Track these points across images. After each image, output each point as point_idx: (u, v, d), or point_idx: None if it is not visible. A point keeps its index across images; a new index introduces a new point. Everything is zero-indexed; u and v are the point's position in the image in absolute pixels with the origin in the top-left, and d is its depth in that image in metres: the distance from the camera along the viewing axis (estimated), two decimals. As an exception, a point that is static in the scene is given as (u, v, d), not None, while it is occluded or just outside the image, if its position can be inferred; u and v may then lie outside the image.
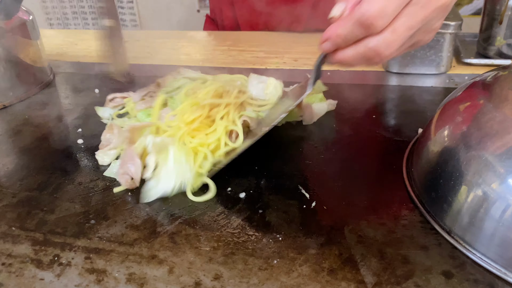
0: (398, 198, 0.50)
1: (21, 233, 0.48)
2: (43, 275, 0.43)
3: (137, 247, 0.45)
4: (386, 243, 0.44)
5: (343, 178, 0.54)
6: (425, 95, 0.75)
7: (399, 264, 0.41)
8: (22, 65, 0.82)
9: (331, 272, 0.41)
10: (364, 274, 0.41)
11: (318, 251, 0.43)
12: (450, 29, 0.77)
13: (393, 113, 0.68)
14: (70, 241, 0.47)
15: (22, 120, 0.74)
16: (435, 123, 0.54)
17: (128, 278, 0.42)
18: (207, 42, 1.13)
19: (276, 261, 0.42)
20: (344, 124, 0.65)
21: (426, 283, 0.39)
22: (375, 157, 0.57)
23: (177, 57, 1.02)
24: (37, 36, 0.87)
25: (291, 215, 0.48)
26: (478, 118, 0.48)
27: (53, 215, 0.51)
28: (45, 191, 0.55)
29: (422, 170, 0.51)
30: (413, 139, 0.60)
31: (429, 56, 0.81)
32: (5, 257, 0.45)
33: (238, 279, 0.41)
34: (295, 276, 0.41)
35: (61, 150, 0.64)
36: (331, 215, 0.48)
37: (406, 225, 0.46)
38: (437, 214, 0.47)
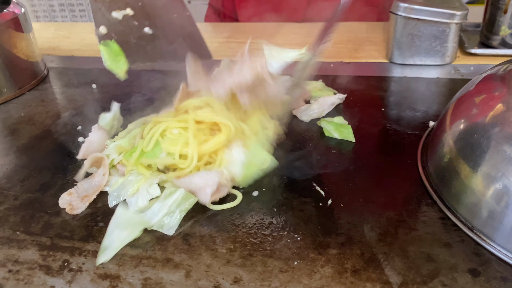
0: (416, 193, 0.49)
1: (27, 237, 0.46)
2: (54, 282, 0.41)
3: (150, 250, 0.44)
4: (408, 241, 0.43)
5: (357, 174, 0.53)
6: (432, 87, 0.74)
7: (423, 263, 0.40)
8: (15, 60, 0.79)
9: (354, 273, 0.40)
10: (388, 274, 0.39)
11: (339, 251, 0.42)
12: (456, 19, 0.76)
13: (402, 106, 0.67)
14: (79, 245, 0.45)
15: (18, 118, 0.71)
16: (450, 117, 0.52)
17: (144, 284, 0.40)
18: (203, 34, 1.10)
19: (296, 263, 0.41)
20: (354, 118, 0.64)
21: (453, 282, 0.38)
22: (389, 151, 0.56)
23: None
24: (30, 30, 0.84)
25: (308, 213, 0.47)
26: (496, 111, 0.47)
27: (59, 217, 0.49)
28: (48, 193, 0.53)
29: (439, 164, 0.50)
30: (425, 132, 0.59)
31: (434, 46, 0.80)
32: (12, 264, 0.43)
33: (259, 282, 0.39)
34: (317, 278, 0.39)
35: (62, 149, 0.61)
36: (349, 213, 0.47)
37: (427, 221, 0.45)
38: (458, 209, 0.45)
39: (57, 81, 0.85)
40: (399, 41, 0.81)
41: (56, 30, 1.18)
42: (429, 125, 0.61)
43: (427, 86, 0.74)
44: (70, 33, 1.15)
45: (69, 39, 1.10)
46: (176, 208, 0.47)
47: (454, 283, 0.38)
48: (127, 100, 0.74)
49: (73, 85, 0.82)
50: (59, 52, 1.01)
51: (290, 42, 0.98)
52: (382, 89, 0.74)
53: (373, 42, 0.94)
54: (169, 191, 0.48)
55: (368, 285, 0.38)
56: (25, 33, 0.81)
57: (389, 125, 0.62)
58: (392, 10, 0.80)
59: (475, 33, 0.94)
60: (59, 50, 1.03)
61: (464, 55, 0.85)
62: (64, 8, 2.52)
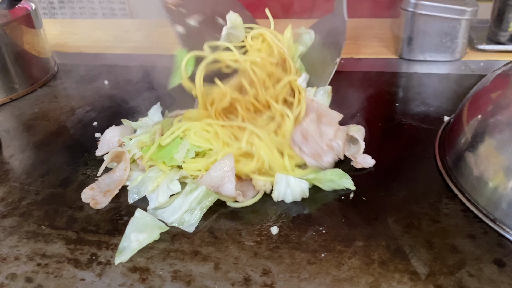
0: (436, 186, 0.50)
1: (52, 231, 0.46)
2: (83, 275, 0.41)
3: (177, 243, 0.44)
4: (432, 233, 0.43)
5: (376, 167, 0.53)
6: (444, 82, 0.74)
7: (448, 254, 0.41)
8: (27, 56, 0.79)
9: (382, 264, 0.40)
10: (415, 265, 0.40)
11: (365, 243, 0.43)
12: (466, 15, 0.77)
13: (416, 101, 0.68)
14: (105, 239, 0.45)
15: (32, 114, 0.71)
16: (467, 111, 0.53)
17: (174, 276, 0.40)
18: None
19: (323, 255, 0.42)
20: (370, 112, 0.65)
21: (479, 272, 0.39)
22: (406, 145, 0.57)
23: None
24: (40, 26, 0.84)
25: (331, 207, 0.47)
26: (516, 105, 0.48)
27: (83, 212, 0.49)
28: (70, 188, 0.53)
29: (458, 158, 0.51)
30: (441, 127, 0.60)
31: (444, 42, 0.80)
32: (40, 257, 0.43)
33: (288, 274, 0.40)
34: (346, 269, 0.40)
35: (79, 145, 0.62)
36: (372, 206, 0.47)
37: (449, 214, 0.46)
38: (479, 201, 0.46)
39: (68, 77, 0.85)
40: (409, 37, 0.82)
41: (62, 27, 1.18)
42: (444, 120, 0.62)
43: (438, 82, 0.74)
44: (76, 29, 1.15)
45: (76, 36, 1.10)
46: (197, 205, 0.47)
47: (480, 273, 0.39)
48: (141, 96, 0.74)
49: (85, 81, 0.82)
50: (67, 48, 1.01)
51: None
52: (394, 84, 0.74)
53: (381, 39, 0.95)
54: (190, 188, 0.48)
55: (396, 276, 0.39)
56: (36, 29, 0.81)
57: (404, 120, 0.63)
58: (402, 6, 0.80)
59: (482, 29, 0.94)
60: (67, 46, 1.03)
61: (473, 51, 0.85)
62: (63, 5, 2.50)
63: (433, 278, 0.39)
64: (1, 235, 0.46)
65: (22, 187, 0.54)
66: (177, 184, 0.49)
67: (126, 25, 1.19)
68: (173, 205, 0.48)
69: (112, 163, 0.55)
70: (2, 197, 0.52)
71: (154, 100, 0.71)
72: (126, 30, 1.12)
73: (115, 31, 1.12)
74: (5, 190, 0.53)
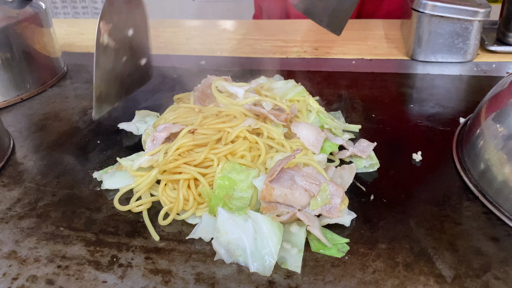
0: (456, 188, 0.49)
1: (71, 233, 0.46)
2: (105, 277, 0.41)
3: (198, 245, 0.44)
4: (455, 235, 0.43)
5: (395, 169, 0.53)
6: (457, 83, 0.74)
7: (473, 257, 0.41)
8: (37, 56, 0.78)
9: (406, 267, 0.40)
10: (440, 267, 0.40)
11: (388, 245, 0.42)
12: (479, 17, 0.77)
13: (430, 102, 0.68)
14: (125, 240, 0.45)
15: (44, 114, 0.71)
16: (485, 114, 0.53)
17: (197, 278, 0.40)
18: (219, 31, 1.10)
19: (347, 257, 0.41)
20: (385, 113, 0.64)
21: (505, 275, 0.39)
22: (423, 147, 0.56)
23: (192, 46, 0.99)
24: (50, 25, 0.83)
25: (351, 209, 0.47)
26: (536, 106, 0.47)
27: (101, 213, 0.49)
28: (86, 189, 0.53)
29: (478, 160, 0.50)
30: (457, 128, 0.60)
31: (456, 44, 0.80)
32: (60, 259, 0.43)
33: (313, 277, 0.40)
34: (370, 272, 0.40)
35: (93, 145, 0.61)
36: (393, 208, 0.47)
37: (471, 216, 0.45)
38: (501, 204, 0.46)
39: (78, 77, 0.85)
40: (421, 38, 0.82)
41: (69, 27, 1.18)
42: (460, 121, 0.62)
43: (451, 83, 0.74)
44: (83, 29, 1.15)
45: (83, 36, 1.09)
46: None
47: (506, 277, 0.38)
48: (153, 96, 0.73)
49: (95, 81, 0.81)
50: (75, 48, 1.01)
51: (309, 39, 0.98)
52: (407, 85, 0.74)
53: (391, 40, 0.95)
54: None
55: (422, 279, 0.39)
56: (46, 29, 0.81)
57: (420, 121, 0.63)
58: (414, 7, 0.80)
59: (491, 30, 0.94)
60: (74, 46, 1.02)
61: (484, 52, 0.85)
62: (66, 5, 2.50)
63: (459, 281, 0.38)
64: (19, 236, 0.46)
65: (38, 188, 0.53)
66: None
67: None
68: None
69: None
70: (18, 198, 0.51)
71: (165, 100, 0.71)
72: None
73: (122, 31, 1.11)
74: (21, 191, 0.53)
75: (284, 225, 0.44)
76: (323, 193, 0.45)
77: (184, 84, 0.77)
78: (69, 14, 2.51)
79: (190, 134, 0.51)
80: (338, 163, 0.55)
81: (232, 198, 0.47)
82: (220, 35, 1.07)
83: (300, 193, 0.45)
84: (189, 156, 0.49)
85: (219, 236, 0.42)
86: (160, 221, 0.47)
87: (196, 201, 0.47)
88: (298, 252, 0.42)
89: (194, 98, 0.62)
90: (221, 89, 0.60)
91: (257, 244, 0.41)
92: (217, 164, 0.49)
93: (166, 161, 0.49)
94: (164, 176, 0.49)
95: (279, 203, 0.45)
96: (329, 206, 0.45)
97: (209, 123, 0.53)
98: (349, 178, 0.50)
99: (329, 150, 0.55)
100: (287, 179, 0.46)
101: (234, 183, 0.47)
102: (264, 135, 0.53)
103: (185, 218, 0.47)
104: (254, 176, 0.48)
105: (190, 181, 0.48)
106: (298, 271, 0.40)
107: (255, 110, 0.55)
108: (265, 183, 0.45)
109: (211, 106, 0.57)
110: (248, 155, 0.50)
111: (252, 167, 0.49)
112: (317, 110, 0.61)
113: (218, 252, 0.42)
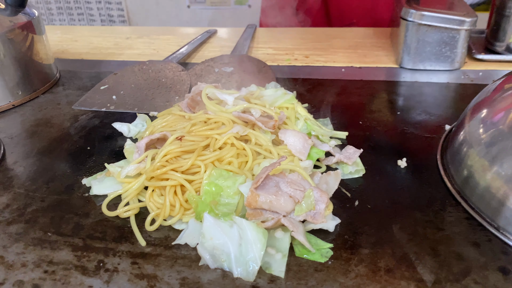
0: (439, 194, 0.50)
1: (59, 238, 0.46)
2: (91, 282, 0.41)
3: (184, 250, 0.44)
4: (437, 240, 0.44)
5: (380, 175, 0.54)
6: (444, 91, 0.75)
7: (454, 261, 0.41)
8: (30, 63, 0.79)
9: (388, 272, 0.41)
10: (421, 272, 0.40)
11: (371, 250, 0.43)
12: (465, 26, 0.78)
13: (417, 110, 0.69)
14: (112, 246, 0.45)
15: (35, 121, 0.71)
16: (469, 121, 0.54)
17: (182, 283, 0.40)
18: (212, 39, 1.11)
19: (330, 262, 0.42)
20: (372, 120, 0.65)
21: (484, 280, 0.39)
22: (409, 153, 0.57)
23: (184, 54, 0.99)
24: (43, 32, 0.84)
25: (336, 214, 0.48)
26: (517, 114, 0.48)
27: (89, 219, 0.49)
28: (75, 194, 0.53)
29: (461, 166, 0.51)
30: (442, 136, 0.61)
31: (444, 52, 0.82)
32: (46, 264, 0.43)
33: (296, 281, 0.40)
34: (353, 277, 0.40)
35: (83, 151, 0.62)
36: (377, 213, 0.48)
37: (453, 221, 0.46)
38: (483, 209, 0.47)
39: (70, 84, 0.85)
40: (409, 46, 0.83)
41: (63, 34, 1.19)
42: (445, 128, 0.63)
43: (439, 91, 0.75)
44: (77, 36, 1.15)
45: (77, 43, 1.10)
46: None
47: (486, 281, 0.39)
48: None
49: (87, 88, 0.82)
50: (68, 55, 1.02)
51: (300, 47, 0.99)
52: (395, 93, 0.75)
53: (381, 48, 0.96)
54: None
55: (403, 283, 0.39)
56: (39, 36, 0.81)
57: (406, 128, 0.64)
58: (403, 16, 0.82)
59: (479, 39, 0.96)
60: (68, 53, 1.03)
61: (471, 61, 0.87)
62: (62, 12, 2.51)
63: (440, 286, 0.39)
64: (7, 241, 0.46)
65: (27, 193, 0.54)
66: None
67: (126, 32, 1.19)
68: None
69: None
70: (7, 204, 0.52)
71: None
72: (127, 37, 1.13)
73: (116, 38, 1.12)
74: (10, 196, 0.53)
75: (269, 230, 0.44)
76: (307, 199, 0.46)
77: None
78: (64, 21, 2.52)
79: (177, 141, 0.52)
80: (324, 169, 0.55)
81: (219, 204, 0.47)
82: (212, 43, 1.08)
83: (285, 199, 0.45)
84: (176, 163, 0.50)
85: (204, 241, 0.42)
86: (147, 227, 0.47)
87: (182, 207, 0.48)
88: (282, 257, 0.42)
89: (184, 105, 0.63)
90: (211, 96, 0.61)
91: (242, 249, 0.42)
92: (204, 170, 0.49)
93: (154, 167, 0.49)
94: (151, 183, 0.49)
95: (265, 210, 0.46)
96: (314, 212, 0.46)
97: (197, 130, 0.54)
98: (334, 184, 0.50)
99: (316, 157, 0.55)
100: (272, 186, 0.47)
101: (221, 189, 0.48)
102: (252, 142, 0.54)
103: (171, 223, 0.47)
104: (241, 182, 0.48)
105: (177, 188, 0.49)
106: (282, 275, 0.41)
107: (243, 117, 0.56)
108: (251, 190, 0.45)
109: (200, 113, 0.58)
110: (236, 162, 0.51)
111: (239, 174, 0.50)
112: (305, 117, 0.61)
113: (203, 257, 0.42)
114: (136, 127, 0.64)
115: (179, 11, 2.36)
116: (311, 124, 0.60)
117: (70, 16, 2.51)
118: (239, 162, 0.52)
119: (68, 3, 2.45)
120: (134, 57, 0.98)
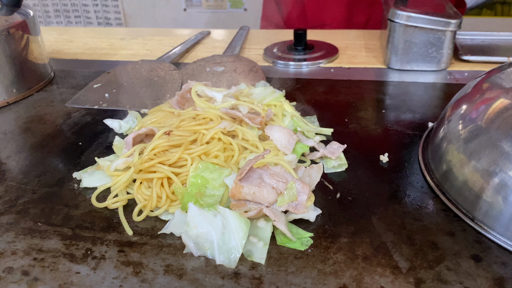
0: (419, 188, 0.52)
1: (48, 228, 0.48)
2: (79, 268, 0.42)
3: (169, 239, 0.46)
4: (414, 231, 0.45)
5: (362, 170, 0.55)
6: (429, 91, 0.77)
7: (429, 250, 0.43)
8: (25, 62, 0.81)
9: (365, 259, 0.42)
10: (397, 259, 0.42)
11: (350, 239, 0.45)
12: (451, 27, 0.80)
13: (402, 108, 0.70)
14: (100, 235, 0.47)
15: (28, 118, 0.73)
16: (449, 117, 0.56)
17: (166, 270, 0.42)
18: (206, 40, 1.13)
19: (310, 250, 0.43)
20: (357, 118, 0.67)
21: (457, 266, 0.41)
22: (391, 149, 0.59)
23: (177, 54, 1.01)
24: (38, 33, 0.86)
25: (318, 205, 0.49)
26: (493, 110, 0.50)
27: (78, 210, 0.51)
28: (66, 187, 0.55)
29: (441, 161, 0.53)
30: (425, 132, 0.62)
31: (430, 53, 0.83)
32: (36, 252, 0.45)
33: (276, 268, 0.42)
34: (331, 264, 0.42)
35: (75, 147, 0.63)
36: (357, 205, 0.49)
37: (430, 213, 0.48)
38: (459, 202, 0.48)
39: (64, 83, 0.87)
40: (396, 47, 0.85)
41: (59, 34, 1.20)
42: (428, 125, 0.65)
43: (424, 90, 0.77)
44: (72, 37, 1.17)
45: (72, 43, 1.12)
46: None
47: (458, 267, 0.41)
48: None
49: (80, 86, 0.84)
50: (63, 55, 1.03)
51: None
52: (381, 92, 0.77)
53: (370, 49, 0.98)
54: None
55: (379, 270, 0.41)
56: (34, 36, 0.83)
57: (390, 125, 0.65)
58: (390, 17, 0.83)
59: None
60: (63, 53, 1.05)
61: (457, 62, 0.89)
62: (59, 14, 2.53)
63: (414, 272, 0.41)
64: (-2, 231, 0.48)
65: (19, 186, 0.55)
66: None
67: (121, 33, 1.21)
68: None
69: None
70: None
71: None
72: (122, 38, 1.15)
73: (111, 39, 1.14)
74: (2, 189, 0.55)
75: (252, 220, 0.46)
76: (290, 190, 0.47)
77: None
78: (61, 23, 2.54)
79: (165, 135, 0.53)
80: (309, 163, 0.57)
81: (204, 195, 0.49)
82: (206, 44, 1.10)
83: (267, 190, 0.47)
84: (164, 156, 0.51)
85: (189, 230, 0.44)
86: (135, 217, 0.49)
87: (169, 198, 0.49)
88: (264, 245, 0.44)
89: (174, 102, 0.64)
90: (200, 93, 0.62)
91: (225, 238, 0.43)
92: (191, 163, 0.51)
93: (142, 160, 0.51)
94: (139, 175, 0.51)
95: (248, 201, 0.47)
96: (296, 203, 0.47)
97: (185, 125, 0.56)
98: (316, 177, 0.52)
99: (301, 152, 0.57)
100: (256, 178, 0.48)
101: (207, 182, 0.50)
102: (239, 137, 0.56)
103: (158, 214, 0.49)
104: (227, 175, 0.50)
105: (164, 180, 0.50)
106: (263, 262, 0.42)
107: (231, 113, 0.58)
108: (235, 182, 0.47)
109: (189, 110, 0.60)
110: (222, 155, 0.53)
111: (225, 167, 0.51)
112: (291, 114, 0.63)
113: (187, 245, 0.44)
114: (127, 124, 0.66)
115: (176, 14, 2.39)
116: (297, 120, 0.62)
117: (67, 18, 2.53)
118: (226, 156, 0.53)
119: (65, 6, 2.47)
120: (128, 57, 1.00)
